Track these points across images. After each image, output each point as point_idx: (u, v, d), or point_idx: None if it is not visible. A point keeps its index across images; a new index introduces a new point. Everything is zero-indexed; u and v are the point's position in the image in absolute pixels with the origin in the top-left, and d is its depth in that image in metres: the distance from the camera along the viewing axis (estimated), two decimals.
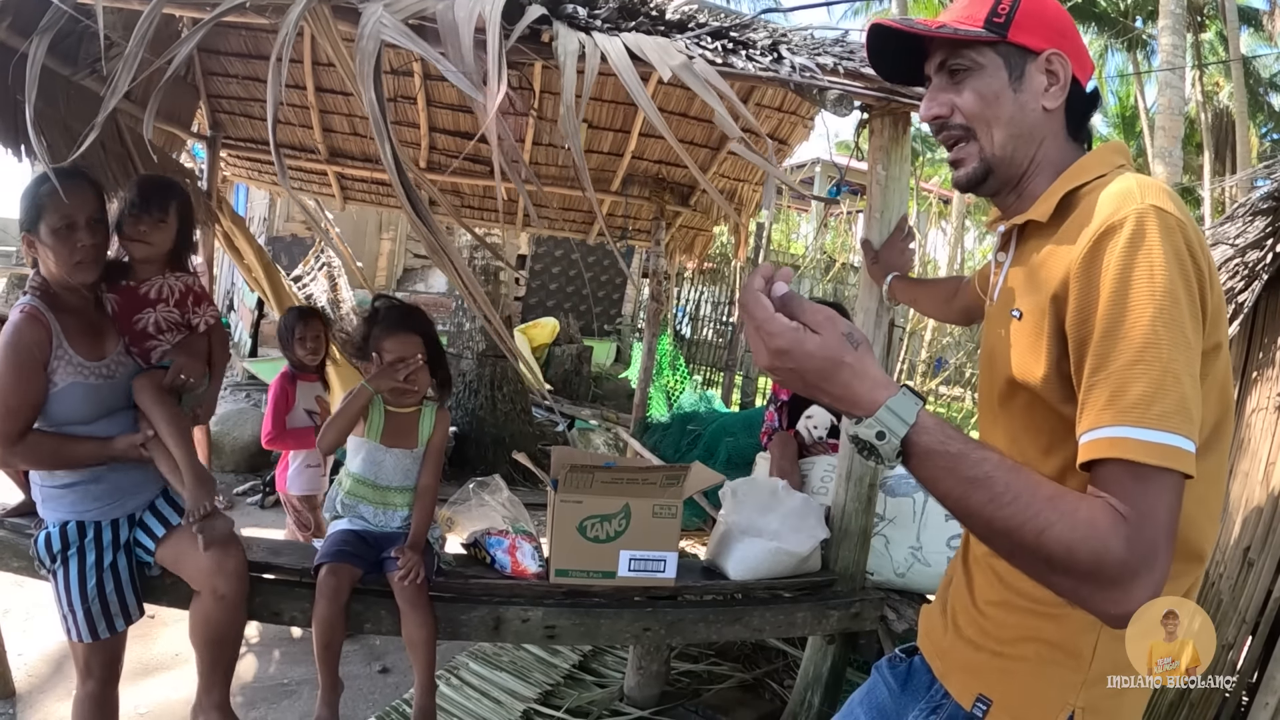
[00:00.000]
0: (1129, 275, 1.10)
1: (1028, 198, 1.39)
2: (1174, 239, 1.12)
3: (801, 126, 4.91)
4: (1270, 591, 2.61)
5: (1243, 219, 2.91)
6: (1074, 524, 1.03)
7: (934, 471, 1.10)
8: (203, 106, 5.26)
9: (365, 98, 1.55)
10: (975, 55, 1.35)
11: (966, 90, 1.36)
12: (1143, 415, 1.05)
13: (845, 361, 1.11)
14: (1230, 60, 17.35)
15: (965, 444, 1.10)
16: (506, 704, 3.54)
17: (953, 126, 1.39)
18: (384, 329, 2.83)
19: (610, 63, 1.99)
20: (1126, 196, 1.17)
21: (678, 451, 6.70)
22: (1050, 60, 1.33)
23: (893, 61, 1.49)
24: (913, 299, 2.52)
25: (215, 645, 2.54)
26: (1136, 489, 1.04)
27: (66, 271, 2.35)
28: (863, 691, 1.71)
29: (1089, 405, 1.11)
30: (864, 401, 1.10)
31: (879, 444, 1.09)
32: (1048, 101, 1.35)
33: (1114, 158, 1.33)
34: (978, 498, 1.07)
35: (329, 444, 2.80)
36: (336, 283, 8.51)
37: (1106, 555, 1.01)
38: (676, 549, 2.87)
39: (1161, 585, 1.03)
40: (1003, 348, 1.35)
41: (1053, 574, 1.06)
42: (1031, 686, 1.32)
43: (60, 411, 2.38)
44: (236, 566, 2.54)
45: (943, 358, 11.23)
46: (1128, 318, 1.09)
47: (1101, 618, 1.06)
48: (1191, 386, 1.07)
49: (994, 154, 1.37)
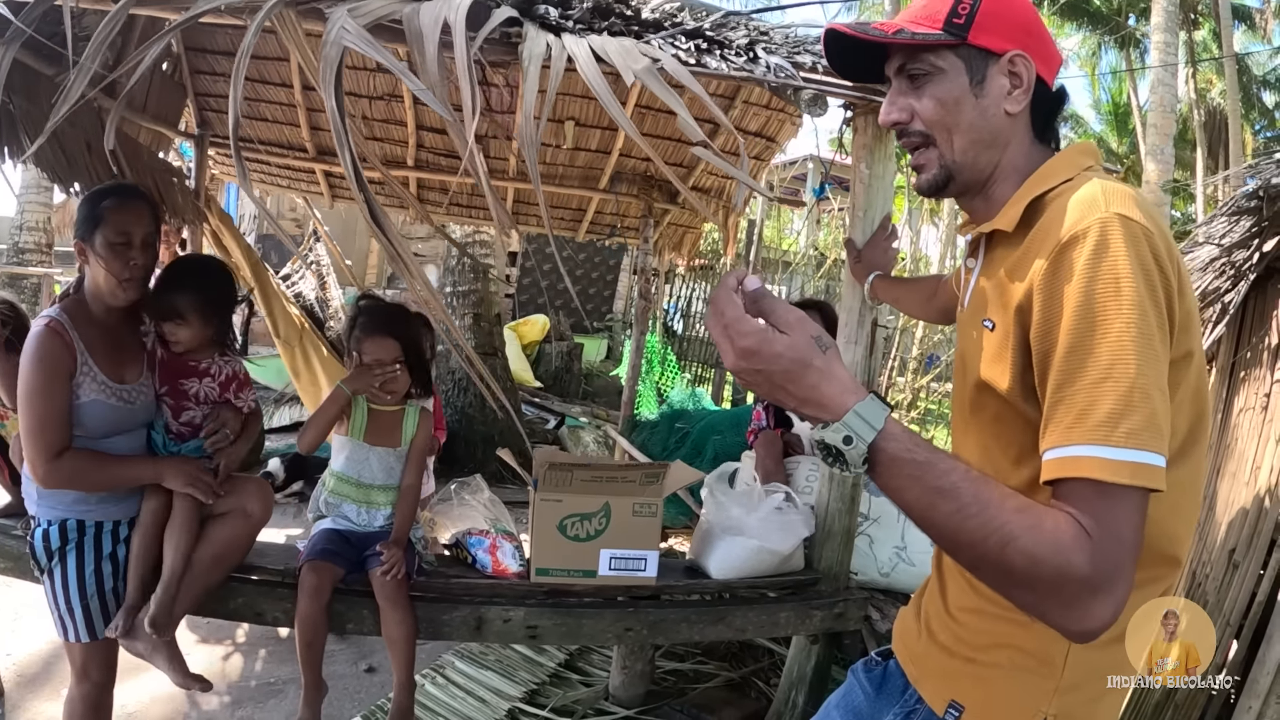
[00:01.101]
0: (1093, 288, 1.08)
1: (995, 203, 1.36)
2: (1139, 248, 1.09)
3: (790, 123, 4.90)
4: (1255, 593, 2.61)
5: (1228, 218, 2.90)
6: (1039, 538, 1.01)
7: (900, 480, 1.08)
8: (190, 105, 5.23)
9: (327, 105, 1.54)
10: (934, 59, 1.31)
11: (925, 96, 1.32)
12: (1109, 433, 1.03)
13: (813, 364, 1.08)
14: (1224, 57, 17.35)
15: (932, 453, 1.08)
16: (492, 703, 3.53)
17: (912, 133, 1.36)
18: (363, 331, 2.83)
19: (578, 66, 1.96)
20: (1090, 205, 1.14)
21: (665, 449, 6.69)
22: (1013, 62, 1.29)
23: (854, 62, 1.45)
24: (894, 298, 2.51)
25: (216, 564, 2.56)
26: (1102, 507, 1.02)
27: (115, 287, 2.38)
28: (839, 695, 1.70)
29: (1054, 422, 1.09)
30: (831, 405, 1.08)
31: (846, 449, 1.07)
32: (1010, 105, 1.31)
33: (1081, 159, 1.30)
34: (944, 508, 1.06)
35: (307, 444, 2.79)
36: (325, 281, 8.48)
37: (1070, 571, 1.00)
38: (657, 548, 2.86)
39: (1124, 602, 1.02)
40: (973, 355, 1.33)
41: (1015, 588, 1.05)
42: (1004, 693, 1.31)
43: (76, 424, 2.36)
44: (266, 492, 2.68)
45: (935, 354, 11.22)
46: (1094, 333, 1.07)
47: (1063, 633, 1.05)
48: (1160, 400, 1.05)
49: (954, 160, 1.34)
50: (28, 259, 10.87)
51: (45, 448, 2.28)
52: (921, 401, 10.60)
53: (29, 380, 2.28)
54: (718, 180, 5.88)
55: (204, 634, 3.97)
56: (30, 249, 10.95)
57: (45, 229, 11.09)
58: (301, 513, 5.43)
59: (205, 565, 2.52)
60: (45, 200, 11.11)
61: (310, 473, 6.01)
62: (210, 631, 3.99)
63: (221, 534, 2.57)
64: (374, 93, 5.27)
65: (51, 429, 2.29)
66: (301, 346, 5.68)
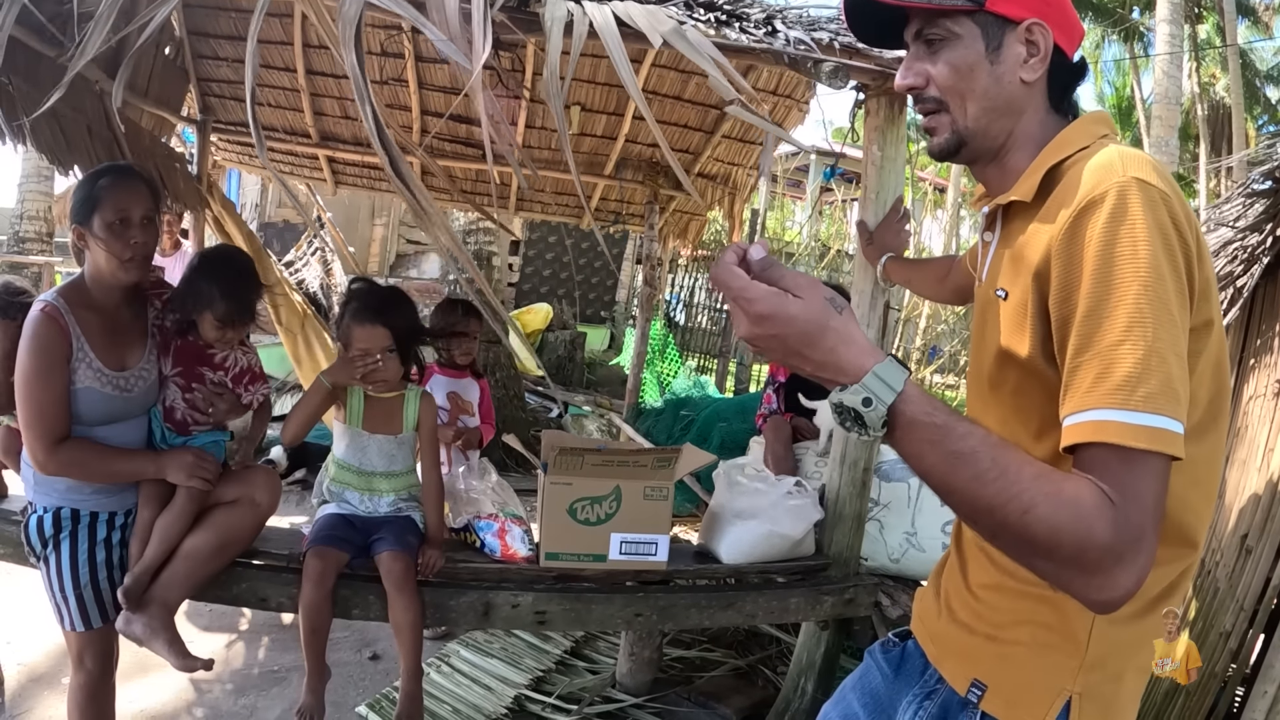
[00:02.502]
0: (1111, 251, 1.07)
1: (1010, 173, 1.34)
2: (1158, 212, 1.08)
3: (796, 110, 4.87)
4: (1269, 579, 2.59)
5: (1241, 201, 2.88)
6: (1059, 505, 1.00)
7: (918, 445, 1.08)
8: (192, 90, 5.20)
9: (347, 60, 1.52)
10: (951, 25, 1.30)
11: (941, 61, 1.31)
12: (1128, 397, 1.01)
13: (830, 325, 1.08)
14: (1228, 47, 17.33)
15: (950, 416, 1.07)
16: (498, 691, 3.52)
17: (926, 99, 1.35)
18: (352, 318, 2.73)
19: (598, 30, 1.94)
20: (1108, 169, 1.13)
21: (670, 437, 6.68)
22: (1030, 30, 1.28)
23: (874, 27, 1.43)
24: (907, 279, 2.49)
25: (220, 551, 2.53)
26: (1123, 472, 1.01)
27: (116, 267, 2.34)
28: (855, 677, 1.68)
29: (1073, 387, 1.07)
30: (850, 368, 1.08)
31: (865, 411, 1.06)
32: (1026, 74, 1.30)
33: (1096, 128, 1.29)
34: (962, 473, 1.05)
35: (289, 437, 2.76)
36: (330, 268, 8.49)
37: (1091, 539, 0.99)
38: (668, 532, 2.84)
39: (1147, 571, 1.01)
40: (991, 329, 1.32)
41: (1036, 557, 1.04)
42: (1027, 671, 1.29)
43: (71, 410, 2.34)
44: (274, 481, 2.65)
45: (937, 346, 11.21)
46: (1111, 296, 1.05)
47: (1085, 603, 1.04)
48: (1178, 366, 1.04)
49: (967, 126, 1.33)
50: (28, 248, 10.84)
51: (44, 435, 2.26)
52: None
53: (25, 368, 2.25)
54: (724, 167, 5.86)
55: (207, 622, 3.96)
56: (31, 238, 10.90)
57: (46, 218, 11.04)
58: (305, 499, 5.42)
59: (209, 553, 2.49)
60: (46, 189, 11.07)
61: (312, 460, 5.99)
62: (213, 620, 3.97)
63: (227, 522, 2.54)
64: (380, 77, 5.23)
65: (50, 416, 2.27)
66: (304, 334, 5.67)
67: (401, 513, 2.79)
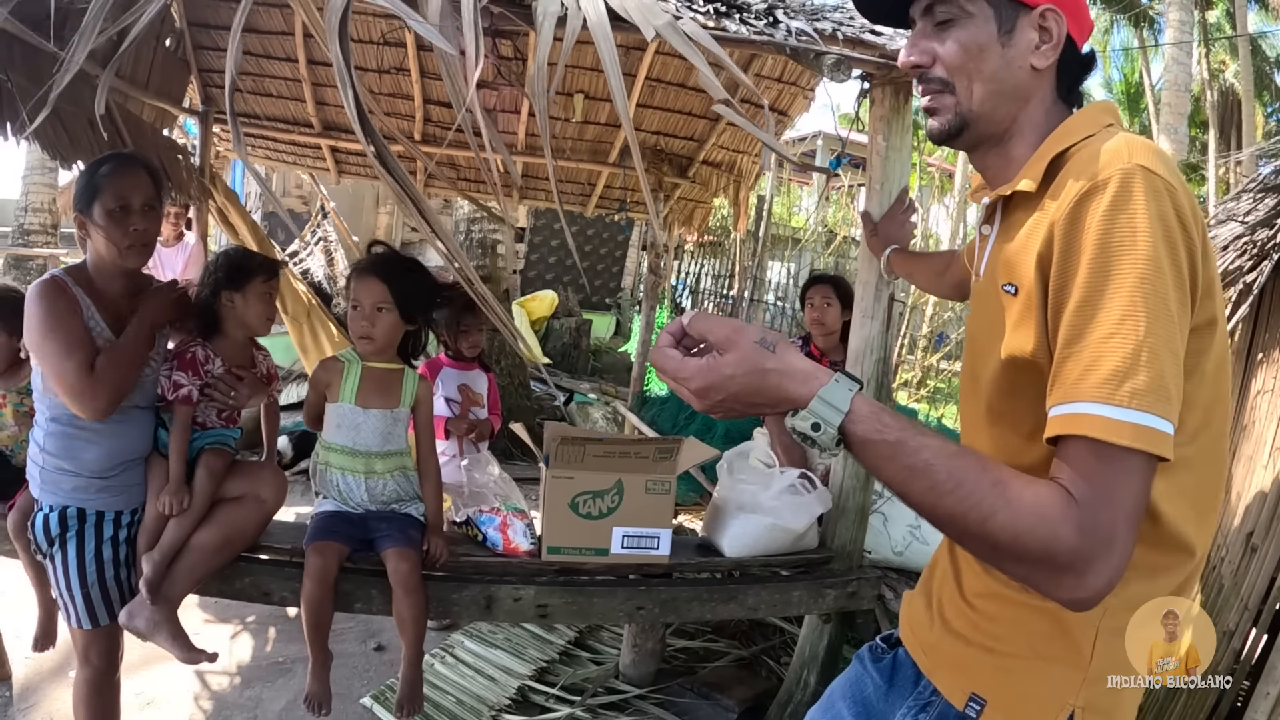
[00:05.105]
0: (1109, 240, 1.04)
1: (1012, 162, 1.31)
2: (1161, 203, 1.05)
3: (802, 97, 4.84)
4: (1274, 578, 2.57)
5: (1253, 195, 2.85)
6: (1019, 512, 1.00)
7: (873, 460, 1.09)
8: (194, 81, 5.18)
9: (332, 51, 1.51)
10: (964, 3, 1.27)
11: (950, 40, 1.28)
12: (1114, 392, 0.99)
13: (768, 368, 1.10)
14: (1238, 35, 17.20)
15: (903, 431, 1.07)
16: (501, 681, 3.53)
17: (931, 79, 1.32)
18: (354, 271, 2.73)
19: (589, 27, 1.92)
20: (1114, 155, 1.10)
21: (675, 425, 6.68)
22: (1045, 16, 1.25)
23: (883, 3, 1.41)
24: (909, 272, 2.46)
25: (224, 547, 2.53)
26: (1098, 469, 1.00)
27: (117, 255, 2.34)
28: (844, 682, 1.64)
29: (1060, 378, 1.06)
30: (799, 397, 1.10)
31: (815, 435, 1.08)
32: (1037, 60, 1.27)
33: (1102, 117, 1.25)
34: (918, 486, 1.06)
35: (307, 421, 2.80)
36: (333, 257, 8.48)
37: (1056, 543, 0.99)
38: (670, 525, 2.82)
39: (1122, 570, 1.00)
40: (989, 325, 1.28)
41: (1004, 561, 1.04)
42: (1027, 684, 1.25)
43: None
44: (280, 479, 2.66)
45: (944, 332, 11.17)
46: (1106, 287, 1.03)
47: (1059, 603, 1.03)
48: (1171, 363, 1.01)
49: (971, 109, 1.30)
50: (33, 240, 10.85)
51: (78, 367, 2.23)
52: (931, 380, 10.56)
53: (39, 320, 2.23)
54: (728, 154, 5.82)
55: (212, 614, 3.97)
56: (35, 230, 10.92)
57: (50, 210, 11.05)
58: (309, 490, 5.41)
59: (213, 548, 2.50)
60: (50, 181, 11.07)
61: None
62: (218, 612, 3.98)
63: (232, 517, 2.54)
64: (381, 66, 5.21)
65: (78, 349, 2.24)
66: (309, 323, 5.68)
67: (401, 511, 2.74)
